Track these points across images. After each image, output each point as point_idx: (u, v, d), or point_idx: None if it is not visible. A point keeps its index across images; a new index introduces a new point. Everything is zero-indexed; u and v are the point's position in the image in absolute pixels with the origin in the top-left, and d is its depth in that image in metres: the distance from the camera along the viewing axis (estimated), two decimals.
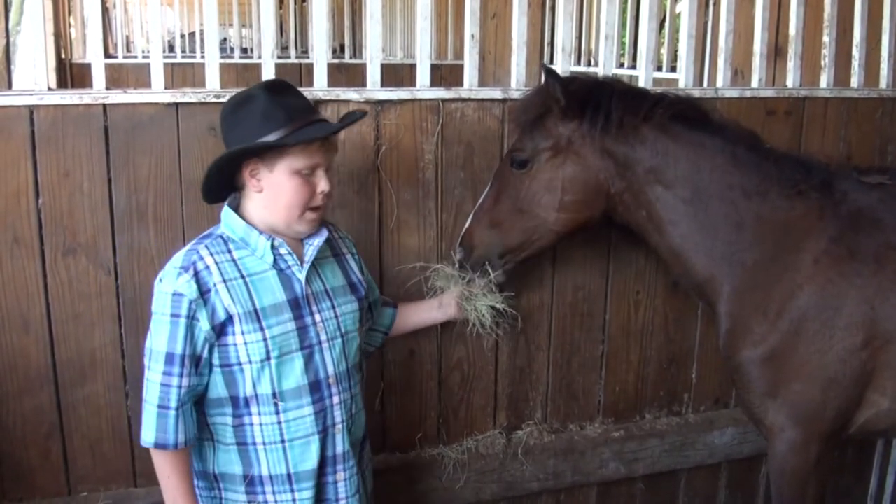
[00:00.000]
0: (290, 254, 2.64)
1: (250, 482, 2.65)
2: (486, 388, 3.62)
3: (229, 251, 2.60)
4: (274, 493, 2.66)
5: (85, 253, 3.00)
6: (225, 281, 2.54)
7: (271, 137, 2.50)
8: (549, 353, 3.67)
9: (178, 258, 2.56)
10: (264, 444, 2.62)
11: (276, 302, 2.59)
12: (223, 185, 2.65)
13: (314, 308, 2.67)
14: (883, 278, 2.87)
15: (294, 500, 2.66)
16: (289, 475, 2.65)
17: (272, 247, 2.61)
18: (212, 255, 2.56)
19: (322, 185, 2.60)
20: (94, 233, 3.00)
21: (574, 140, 3.05)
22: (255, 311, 2.55)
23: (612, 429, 3.84)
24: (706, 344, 3.90)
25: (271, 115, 2.51)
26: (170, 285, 2.50)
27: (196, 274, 2.50)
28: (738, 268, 3.04)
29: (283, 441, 2.63)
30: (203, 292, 2.50)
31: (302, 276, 2.65)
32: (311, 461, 2.65)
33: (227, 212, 2.65)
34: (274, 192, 2.57)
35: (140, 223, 3.02)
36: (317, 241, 2.69)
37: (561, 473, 3.72)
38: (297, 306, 2.63)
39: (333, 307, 2.73)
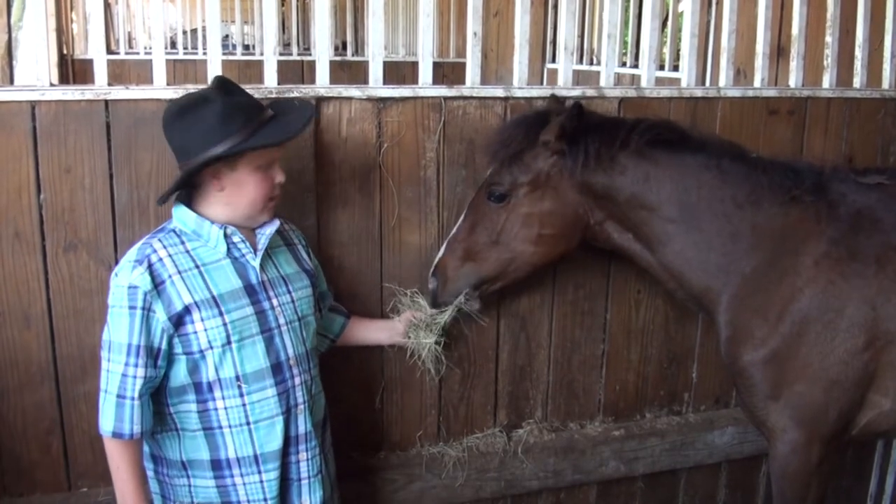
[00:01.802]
0: (243, 241, 2.72)
1: (218, 466, 2.72)
2: (486, 386, 3.62)
3: (182, 243, 2.67)
4: (242, 474, 2.73)
5: (86, 248, 3.00)
6: (180, 272, 2.61)
7: (236, 139, 2.55)
8: (550, 352, 3.67)
9: (132, 252, 2.63)
10: (230, 426, 2.70)
11: (232, 288, 2.67)
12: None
13: (271, 293, 2.75)
14: (884, 279, 2.86)
15: (262, 480, 2.74)
16: (255, 456, 2.72)
17: (225, 235, 2.68)
18: (165, 247, 2.63)
19: (279, 177, 2.73)
20: (95, 228, 3.00)
21: (553, 175, 3.05)
22: (213, 297, 2.63)
23: (613, 428, 3.84)
24: (707, 343, 3.89)
25: (231, 116, 2.57)
26: (125, 279, 2.57)
27: (150, 266, 2.57)
28: (736, 276, 3.04)
29: (248, 423, 2.70)
30: (157, 284, 2.57)
31: (256, 263, 2.73)
32: (276, 441, 2.74)
33: (178, 206, 2.71)
34: (237, 188, 2.65)
35: (142, 219, 3.02)
36: (269, 230, 2.78)
37: (561, 472, 3.72)
38: (254, 292, 2.71)
39: (289, 292, 2.81)
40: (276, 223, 2.79)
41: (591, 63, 8.74)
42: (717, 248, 3.03)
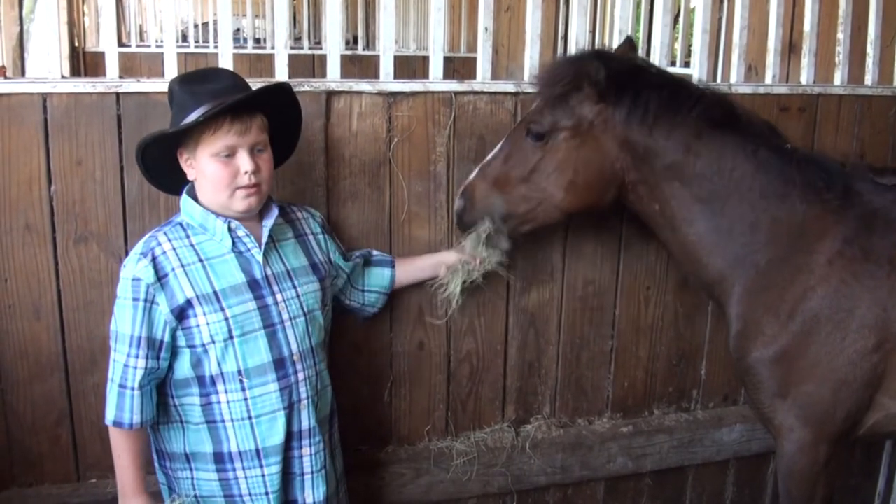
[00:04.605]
0: (248, 236, 2.73)
1: (220, 459, 2.75)
2: (494, 381, 3.63)
3: (188, 236, 2.70)
4: (244, 468, 2.75)
5: (97, 241, 3.01)
6: (183, 266, 2.64)
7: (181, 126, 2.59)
8: (559, 348, 3.67)
9: (138, 245, 2.68)
10: (232, 420, 2.72)
11: (235, 283, 2.68)
12: (174, 175, 2.73)
13: (275, 288, 2.76)
14: None
15: (263, 474, 2.76)
16: (257, 450, 2.74)
17: (229, 230, 2.69)
18: (170, 240, 2.67)
19: (245, 165, 2.63)
20: (105, 221, 3.01)
21: (596, 125, 2.98)
22: (215, 292, 2.65)
23: (621, 424, 3.84)
24: (716, 340, 3.89)
25: (183, 104, 2.60)
26: (130, 271, 2.61)
27: (154, 259, 2.61)
28: (751, 269, 3.02)
29: (250, 417, 2.72)
30: (160, 277, 2.60)
31: (260, 257, 2.74)
32: (278, 436, 2.75)
33: (185, 199, 2.74)
34: (201, 176, 2.67)
35: (152, 211, 3.03)
36: (268, 223, 2.78)
37: (569, 468, 3.72)
38: (258, 287, 2.72)
39: (295, 287, 2.81)
40: (273, 215, 2.79)
41: None
42: (736, 237, 3.01)
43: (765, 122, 3.17)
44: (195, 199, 2.72)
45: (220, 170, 2.62)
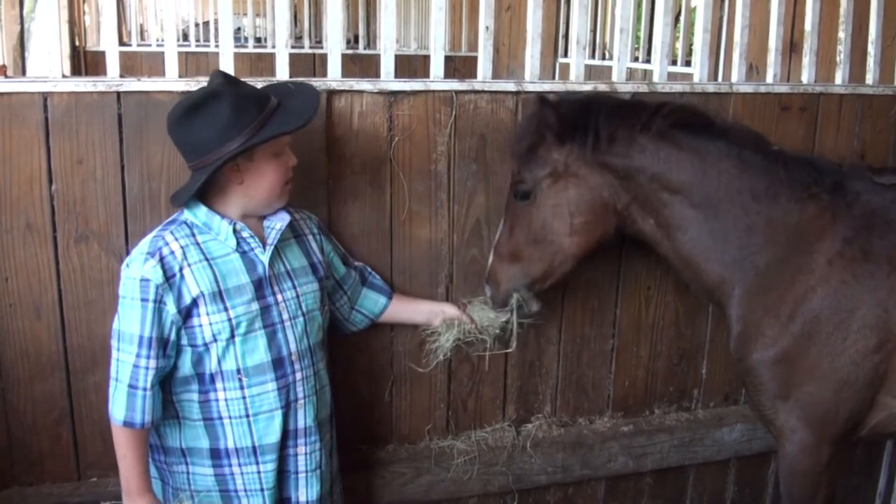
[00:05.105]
0: (252, 237, 2.74)
1: (217, 455, 2.76)
2: (495, 380, 3.63)
3: (193, 235, 2.69)
4: (240, 465, 2.77)
5: (97, 240, 3.01)
6: (190, 265, 2.64)
7: (252, 130, 2.58)
8: (560, 347, 3.67)
9: (144, 244, 2.66)
10: (230, 417, 2.73)
11: (239, 283, 2.69)
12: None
13: (276, 288, 2.77)
14: None
15: (259, 471, 2.77)
16: (254, 448, 2.76)
17: (234, 230, 2.70)
18: (177, 239, 2.66)
19: (292, 160, 2.77)
20: (106, 220, 3.00)
21: (570, 163, 3.03)
22: (220, 292, 2.66)
23: (622, 423, 3.84)
24: (716, 340, 3.88)
25: (243, 107, 2.59)
26: (137, 271, 2.60)
27: (161, 259, 2.61)
28: (749, 271, 3.02)
29: (247, 415, 2.74)
30: (168, 277, 2.60)
31: (265, 258, 2.75)
32: (275, 434, 2.77)
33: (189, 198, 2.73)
34: (256, 178, 2.69)
35: (153, 211, 3.02)
36: (279, 225, 2.79)
37: (569, 467, 3.72)
38: (260, 287, 2.73)
39: (295, 287, 2.83)
40: (286, 219, 2.81)
41: (604, 58, 8.72)
42: (732, 240, 3.02)
43: (746, 127, 3.21)
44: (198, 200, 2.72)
45: (278, 167, 2.71)
